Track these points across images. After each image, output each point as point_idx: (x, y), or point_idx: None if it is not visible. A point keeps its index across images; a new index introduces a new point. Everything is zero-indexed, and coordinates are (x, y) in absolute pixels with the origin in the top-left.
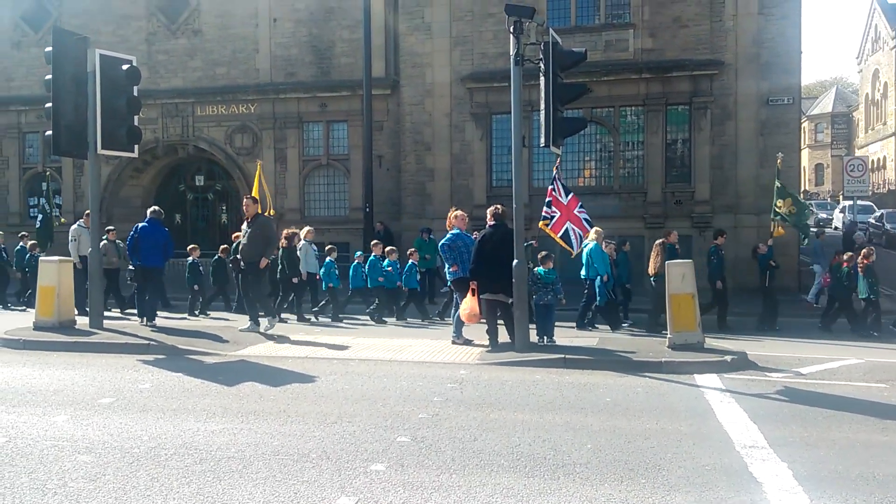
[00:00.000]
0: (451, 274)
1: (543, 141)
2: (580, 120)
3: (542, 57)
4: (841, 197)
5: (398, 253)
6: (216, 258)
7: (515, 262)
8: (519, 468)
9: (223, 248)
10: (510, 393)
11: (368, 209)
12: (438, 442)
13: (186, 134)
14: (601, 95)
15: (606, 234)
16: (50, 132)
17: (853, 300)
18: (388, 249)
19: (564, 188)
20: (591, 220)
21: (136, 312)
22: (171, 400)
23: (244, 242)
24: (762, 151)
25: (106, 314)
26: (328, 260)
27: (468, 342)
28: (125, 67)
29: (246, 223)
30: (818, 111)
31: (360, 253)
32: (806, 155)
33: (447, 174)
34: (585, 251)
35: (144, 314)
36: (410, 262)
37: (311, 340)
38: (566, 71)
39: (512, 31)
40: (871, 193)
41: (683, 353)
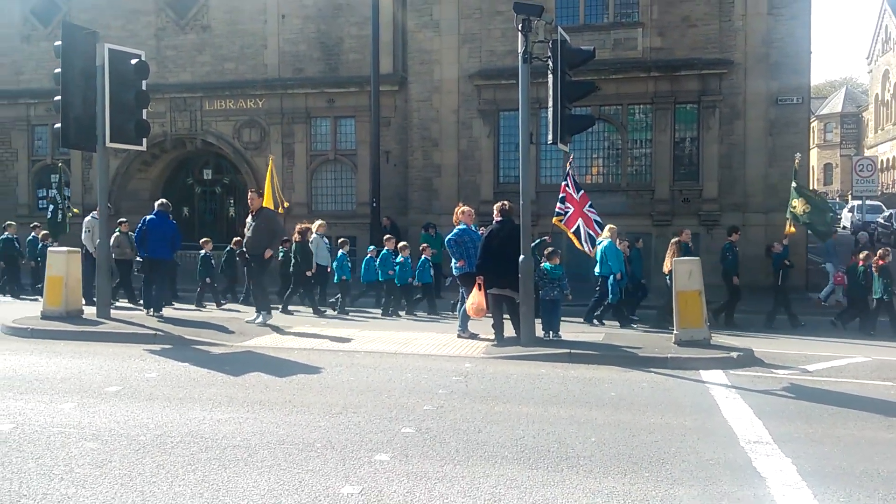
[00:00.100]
0: (457, 269)
1: (551, 138)
2: (588, 117)
3: (550, 55)
4: (850, 196)
5: (410, 249)
6: (228, 250)
7: (522, 257)
8: (523, 460)
9: (236, 240)
10: (515, 386)
11: (375, 204)
12: (443, 433)
13: (194, 128)
14: (609, 93)
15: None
16: (59, 125)
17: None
18: (400, 245)
19: (576, 185)
20: (601, 221)
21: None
22: (177, 389)
23: (249, 235)
24: (771, 151)
25: (117, 304)
26: (341, 253)
27: (474, 336)
28: (134, 62)
29: (251, 216)
30: (828, 111)
31: (372, 247)
32: (815, 155)
33: (454, 170)
34: (600, 248)
35: (151, 305)
36: (423, 257)
37: (317, 332)
38: (574, 69)
39: (520, 28)
40: (880, 193)
41: (689, 349)
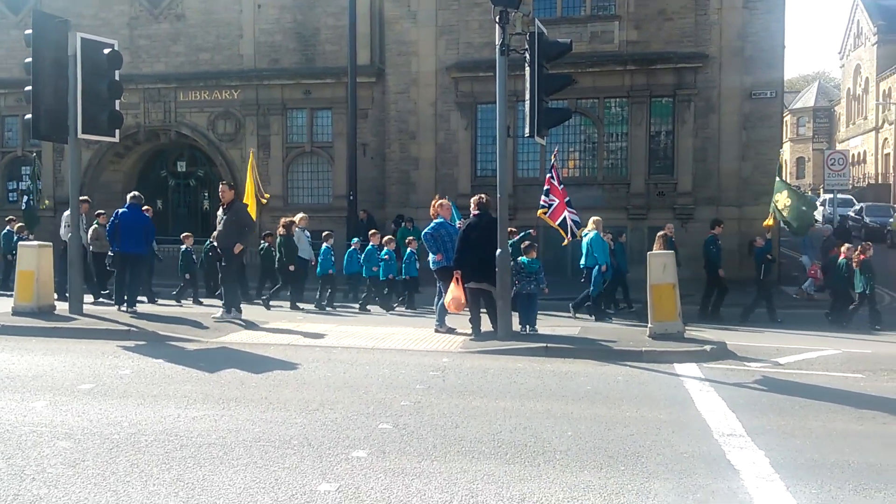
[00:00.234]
0: (434, 263)
1: (528, 131)
2: (565, 111)
3: (527, 47)
4: (822, 190)
5: (395, 242)
6: (208, 244)
7: (499, 251)
8: (500, 455)
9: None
10: (492, 381)
11: (352, 197)
12: (420, 429)
13: (168, 119)
14: (586, 87)
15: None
16: (30, 116)
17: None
18: (385, 239)
19: (559, 178)
20: (580, 221)
21: (145, 301)
22: (151, 386)
23: (220, 229)
24: (745, 144)
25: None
26: (325, 247)
27: (451, 330)
28: (107, 51)
29: (222, 209)
30: (800, 105)
31: (356, 239)
32: (788, 148)
33: (432, 163)
34: (585, 240)
35: (121, 301)
36: (409, 250)
37: (293, 328)
38: (551, 62)
39: (498, 20)
40: (851, 187)
41: (664, 342)
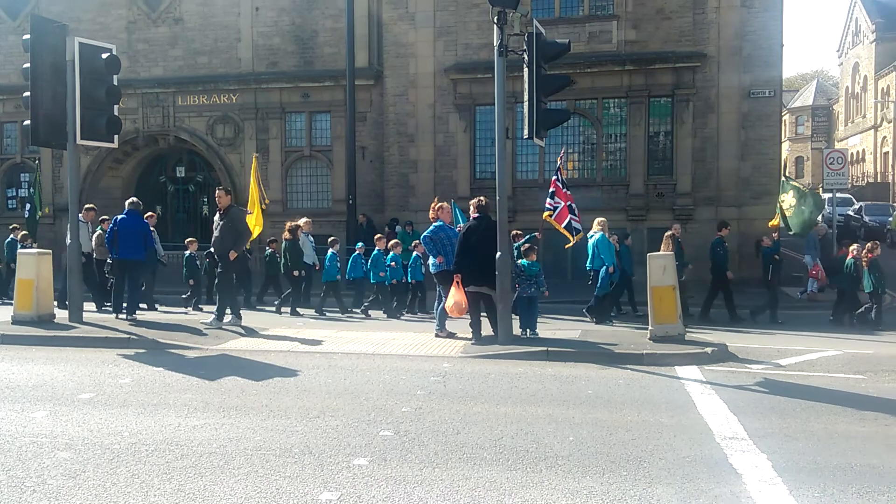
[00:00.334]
0: (434, 266)
1: (526, 132)
2: (563, 112)
3: (525, 48)
4: (821, 189)
5: (402, 246)
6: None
7: (499, 254)
8: (502, 461)
9: None
10: (493, 386)
11: (351, 201)
12: (421, 436)
13: (167, 124)
14: (584, 87)
15: (589, 226)
16: (28, 122)
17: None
18: (392, 243)
19: (563, 182)
20: (580, 227)
21: (145, 308)
22: (151, 395)
23: (216, 235)
24: (743, 144)
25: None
26: (331, 252)
27: (451, 335)
28: (105, 56)
29: (219, 215)
30: (799, 104)
31: (360, 244)
32: (786, 148)
33: (430, 166)
34: (591, 242)
35: (119, 308)
36: (415, 254)
37: (293, 334)
38: (550, 62)
39: (496, 21)
40: (850, 186)
41: (664, 345)
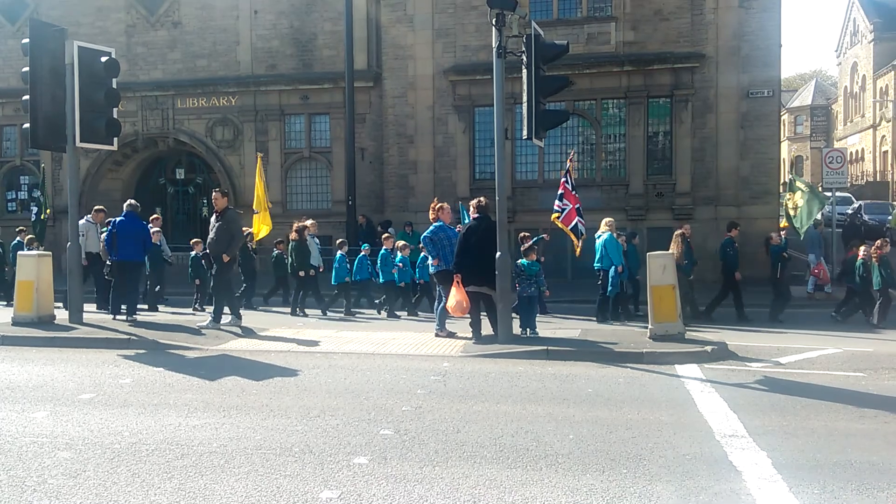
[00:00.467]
0: (433, 267)
1: (525, 133)
2: (562, 112)
3: (524, 49)
4: (820, 188)
5: (410, 248)
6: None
7: (498, 254)
8: (502, 459)
9: None
10: (493, 385)
11: (351, 202)
12: (422, 434)
13: (166, 127)
14: (583, 88)
15: (593, 227)
16: (27, 125)
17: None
18: (400, 244)
19: (573, 184)
20: (584, 231)
21: (146, 308)
22: (152, 395)
23: (212, 236)
24: (742, 144)
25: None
26: (340, 254)
27: (451, 335)
28: (104, 59)
29: (214, 216)
30: (798, 103)
31: (366, 245)
32: (785, 147)
33: (430, 167)
34: (599, 242)
35: (118, 310)
36: (423, 254)
37: (293, 335)
38: (548, 63)
39: (494, 23)
40: (849, 185)
41: (664, 343)
